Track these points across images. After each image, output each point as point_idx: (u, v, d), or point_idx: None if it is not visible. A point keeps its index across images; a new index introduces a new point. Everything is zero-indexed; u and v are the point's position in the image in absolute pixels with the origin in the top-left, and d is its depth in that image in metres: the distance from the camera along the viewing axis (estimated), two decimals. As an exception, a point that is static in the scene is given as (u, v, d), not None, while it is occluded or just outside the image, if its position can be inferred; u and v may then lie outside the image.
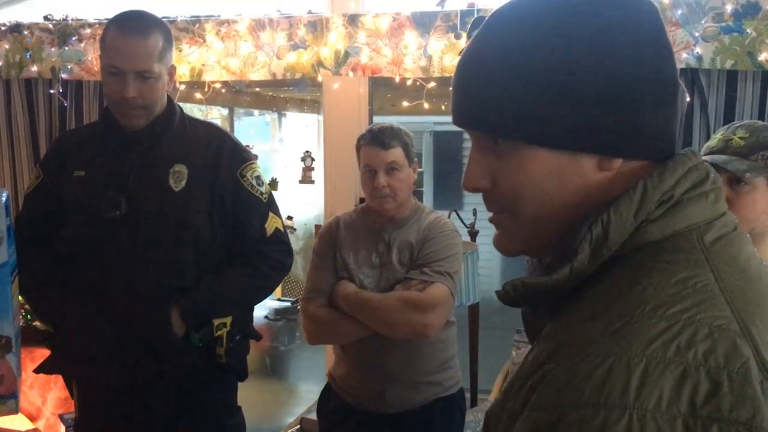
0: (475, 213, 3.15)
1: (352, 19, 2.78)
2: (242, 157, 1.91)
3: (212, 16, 2.96)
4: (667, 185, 0.66)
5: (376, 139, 2.00)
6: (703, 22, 2.39)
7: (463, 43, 2.62)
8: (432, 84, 2.76)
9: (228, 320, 1.84)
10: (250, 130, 6.90)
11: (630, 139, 0.68)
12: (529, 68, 0.68)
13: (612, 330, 0.57)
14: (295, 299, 6.21)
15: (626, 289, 0.61)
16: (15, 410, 1.39)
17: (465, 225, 3.17)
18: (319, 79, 2.89)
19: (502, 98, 0.69)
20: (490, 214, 0.78)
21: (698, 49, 2.39)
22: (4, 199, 1.35)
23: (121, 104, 1.77)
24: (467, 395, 2.47)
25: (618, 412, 0.52)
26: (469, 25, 2.66)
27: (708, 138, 2.13)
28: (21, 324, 1.47)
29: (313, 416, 2.43)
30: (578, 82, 0.66)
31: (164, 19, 1.91)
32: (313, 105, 6.64)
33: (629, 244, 0.66)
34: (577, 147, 0.69)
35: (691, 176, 0.68)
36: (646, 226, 0.66)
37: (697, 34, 2.39)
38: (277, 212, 1.95)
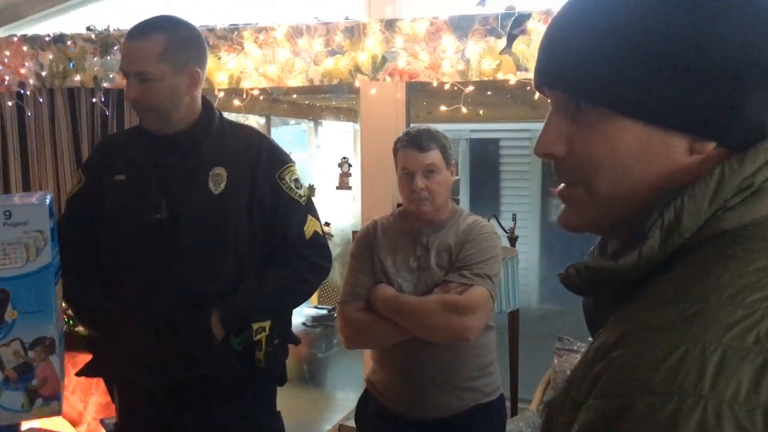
0: (514, 218, 3.11)
1: (390, 24, 2.77)
2: (280, 159, 1.90)
3: (250, 23, 2.99)
4: (747, 171, 0.63)
5: (414, 141, 1.99)
6: None
7: (502, 45, 2.59)
8: (470, 88, 2.74)
9: (267, 324, 1.83)
10: (287, 136, 6.95)
11: (729, 123, 0.64)
12: (633, 32, 0.63)
13: (685, 316, 0.54)
14: (332, 307, 6.21)
15: (700, 276, 0.58)
16: (58, 412, 1.39)
17: (504, 230, 3.14)
18: (357, 84, 2.89)
19: (594, 60, 0.65)
20: (560, 186, 0.73)
21: None
22: (48, 201, 1.37)
23: (132, 106, 1.82)
24: (507, 404, 2.42)
25: (692, 401, 0.50)
26: (510, 23, 2.60)
27: None
28: (64, 329, 1.48)
29: (351, 423, 2.42)
30: (686, 53, 0.62)
31: (203, 28, 1.91)
32: (349, 113, 6.65)
33: (703, 232, 0.63)
34: (670, 124, 0.64)
35: None
36: (722, 214, 0.63)
37: None
38: (315, 215, 1.94)
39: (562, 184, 0.72)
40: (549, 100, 0.73)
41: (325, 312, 6.31)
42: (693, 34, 0.62)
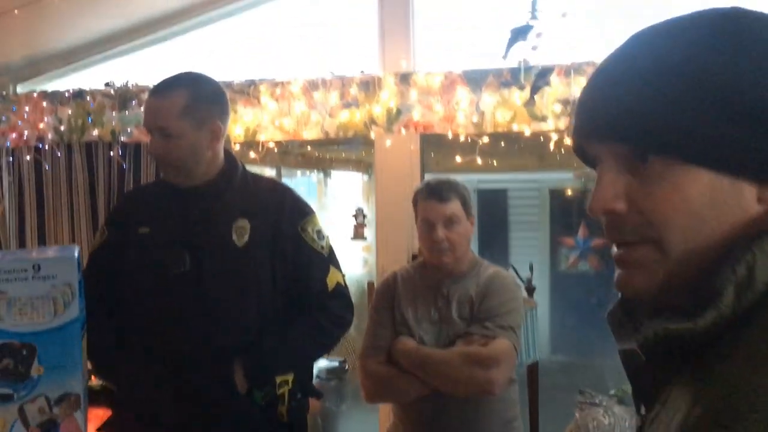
0: (531, 268, 3.10)
1: (404, 78, 2.82)
2: (303, 211, 1.91)
3: (267, 78, 3.04)
4: None
5: (434, 192, 1.99)
6: None
7: (517, 97, 2.63)
8: (485, 139, 2.76)
9: (290, 378, 1.81)
10: (301, 187, 7.00)
11: None
12: (699, 78, 0.62)
13: None
14: (343, 359, 6.13)
15: None
16: (80, 469, 1.36)
17: (522, 281, 3.12)
18: (372, 136, 2.92)
19: (661, 109, 0.62)
20: (615, 250, 0.69)
21: None
22: (76, 254, 1.37)
23: (156, 161, 1.83)
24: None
25: None
26: (535, 75, 2.61)
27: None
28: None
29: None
30: (752, 97, 0.61)
31: (221, 83, 1.95)
32: (358, 164, 6.70)
33: None
34: (740, 170, 0.62)
35: None
36: None
37: None
38: (338, 266, 1.94)
39: (619, 248, 0.68)
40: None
41: (336, 364, 6.23)
42: (758, 76, 0.61)
